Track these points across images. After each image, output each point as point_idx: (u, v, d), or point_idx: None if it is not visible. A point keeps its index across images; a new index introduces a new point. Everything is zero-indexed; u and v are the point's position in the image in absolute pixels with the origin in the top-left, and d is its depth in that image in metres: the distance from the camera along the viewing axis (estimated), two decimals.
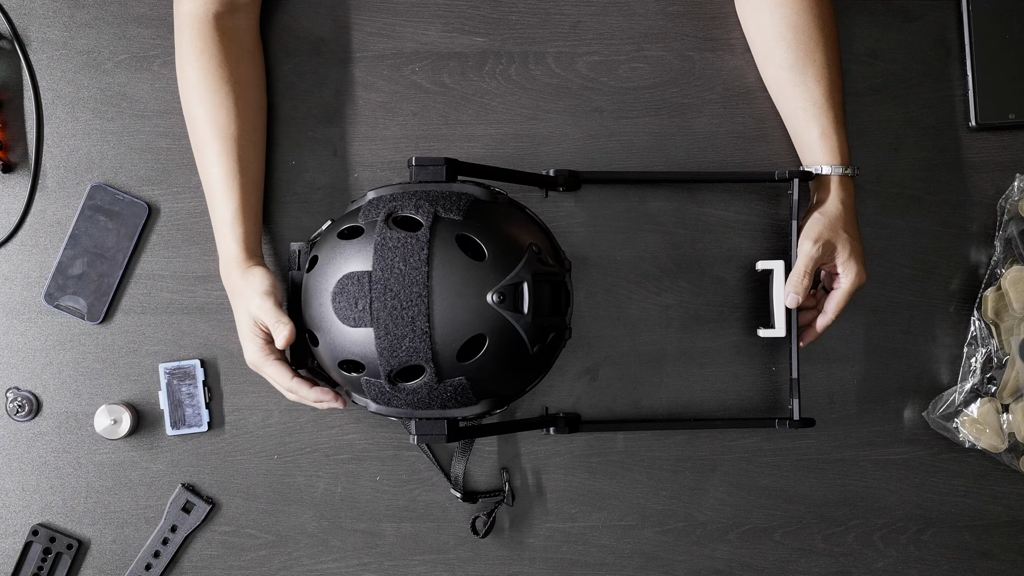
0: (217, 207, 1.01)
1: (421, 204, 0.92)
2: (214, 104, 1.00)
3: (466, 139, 1.10)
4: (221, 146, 1.00)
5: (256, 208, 1.03)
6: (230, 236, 1.00)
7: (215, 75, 1.00)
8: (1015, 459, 1.08)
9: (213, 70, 1.00)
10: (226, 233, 1.00)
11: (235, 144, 1.01)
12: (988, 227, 1.11)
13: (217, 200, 1.01)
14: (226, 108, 1.01)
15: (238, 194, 1.00)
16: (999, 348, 1.08)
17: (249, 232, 1.01)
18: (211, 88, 1.00)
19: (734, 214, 1.10)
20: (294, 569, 1.09)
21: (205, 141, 1.01)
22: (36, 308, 1.09)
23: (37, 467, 1.09)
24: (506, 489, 1.09)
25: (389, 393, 0.93)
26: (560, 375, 1.10)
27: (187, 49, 1.01)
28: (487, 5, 1.10)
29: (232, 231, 1.00)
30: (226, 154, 1.00)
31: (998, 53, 1.10)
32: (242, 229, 1.00)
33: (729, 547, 1.11)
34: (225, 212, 1.00)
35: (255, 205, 1.02)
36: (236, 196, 1.00)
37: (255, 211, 1.02)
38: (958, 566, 1.11)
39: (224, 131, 1.00)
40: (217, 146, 1.00)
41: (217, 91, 1.00)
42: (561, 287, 0.97)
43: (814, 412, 1.10)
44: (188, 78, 1.01)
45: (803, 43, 1.03)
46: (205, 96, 1.00)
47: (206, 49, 1.00)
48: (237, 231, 1.00)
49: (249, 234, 1.01)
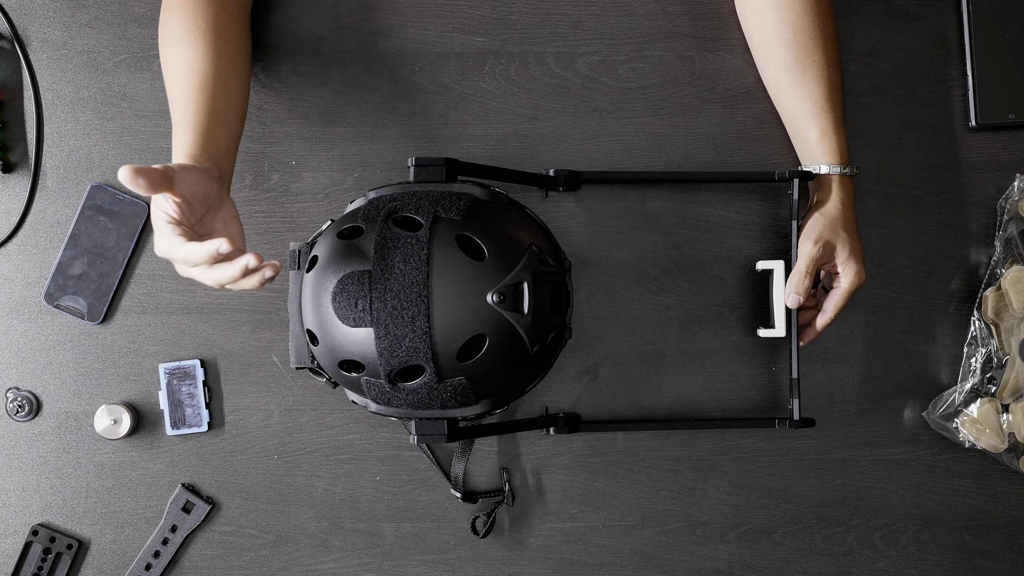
0: (173, 130, 0.94)
1: (421, 204, 0.92)
2: (184, 46, 0.96)
3: (466, 139, 1.10)
4: (185, 79, 0.95)
5: (212, 130, 0.93)
6: (174, 150, 0.93)
7: (190, 23, 0.97)
8: (1015, 459, 1.09)
9: (189, 18, 0.97)
10: (173, 150, 0.93)
11: (199, 77, 0.95)
12: (988, 227, 1.11)
13: (173, 124, 0.94)
14: (195, 49, 0.96)
15: (190, 113, 0.93)
16: (999, 348, 1.08)
17: (193, 143, 0.92)
18: (183, 33, 0.97)
19: (734, 214, 1.10)
20: (294, 569, 1.09)
21: (172, 79, 0.96)
22: (36, 308, 1.09)
23: (37, 467, 1.09)
24: (506, 489, 1.09)
25: (389, 393, 0.93)
26: (560, 375, 1.10)
27: (169, 8, 0.99)
28: (487, 5, 1.10)
29: (176, 146, 0.93)
30: (188, 85, 0.95)
31: (998, 53, 1.10)
32: (184, 140, 0.92)
33: (729, 547, 1.11)
34: (175, 130, 0.94)
35: (212, 127, 0.93)
36: (188, 114, 0.93)
37: (210, 131, 0.93)
38: (958, 566, 1.11)
39: (190, 66, 0.95)
40: (182, 79, 0.95)
41: (188, 35, 0.96)
42: (561, 287, 0.97)
43: (814, 412, 1.10)
44: (165, 28, 0.98)
45: (803, 43, 1.03)
46: (177, 40, 0.97)
47: (187, 7, 0.98)
48: (178, 145, 0.92)
49: (193, 145, 0.91)
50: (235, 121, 0.98)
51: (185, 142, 0.92)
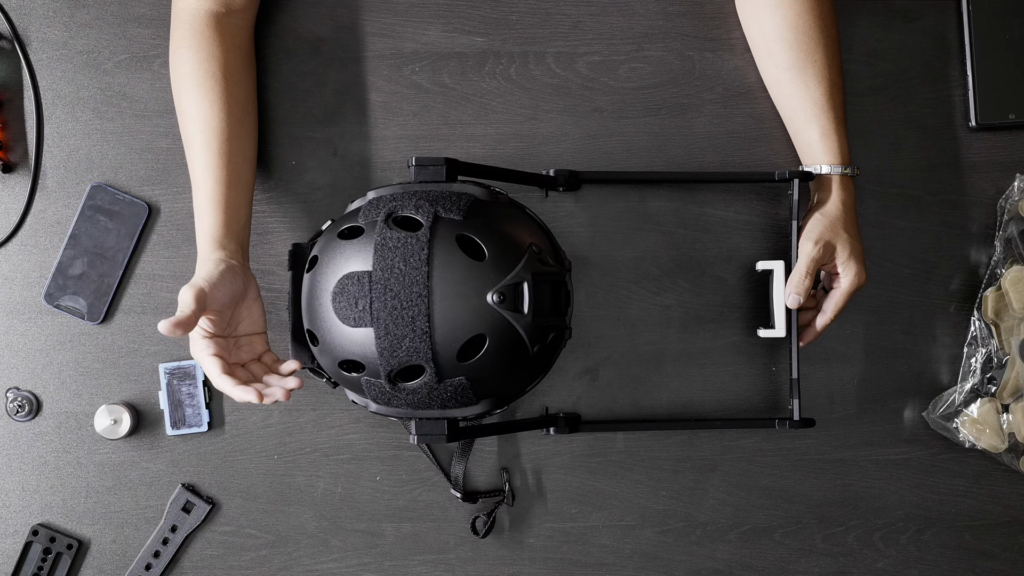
0: (194, 197, 0.99)
1: (421, 204, 0.92)
2: (200, 97, 0.99)
3: (466, 139, 1.10)
4: (203, 139, 0.99)
5: (233, 201, 0.99)
6: (198, 226, 0.98)
7: (204, 68, 1.00)
8: (1015, 459, 1.09)
9: (202, 63, 1.00)
10: (197, 223, 0.98)
11: (217, 137, 0.99)
12: (988, 227, 1.11)
13: (194, 190, 0.99)
14: (211, 101, 0.99)
15: (211, 185, 0.98)
16: (999, 348, 1.08)
17: (218, 223, 0.97)
18: (199, 81, 0.99)
19: (734, 214, 1.10)
20: (294, 569, 1.09)
21: (190, 133, 1.00)
22: (36, 308, 1.09)
23: (37, 467, 1.09)
24: (506, 489, 1.09)
25: (389, 393, 0.93)
26: (560, 375, 1.10)
27: (180, 42, 1.01)
28: (487, 5, 1.10)
29: (200, 221, 0.98)
30: (207, 147, 0.99)
31: (998, 53, 1.10)
32: (209, 220, 0.97)
33: (729, 547, 1.11)
34: (197, 202, 0.98)
35: (232, 198, 0.99)
36: (210, 187, 0.98)
37: (231, 204, 0.99)
38: (958, 566, 1.11)
39: (207, 123, 0.99)
40: (200, 138, 0.99)
41: (203, 84, 0.99)
42: (561, 287, 0.97)
43: (814, 412, 1.10)
44: (178, 70, 1.01)
45: (803, 44, 1.03)
46: (193, 89, 1.00)
47: (198, 44, 1.00)
48: (204, 221, 0.97)
49: (218, 225, 0.97)
50: (250, 181, 1.02)
51: (209, 222, 0.97)
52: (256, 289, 0.97)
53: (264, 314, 0.98)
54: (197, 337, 0.92)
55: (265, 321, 0.98)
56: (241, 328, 0.96)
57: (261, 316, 0.97)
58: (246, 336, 0.96)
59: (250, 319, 0.96)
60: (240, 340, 0.96)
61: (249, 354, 0.96)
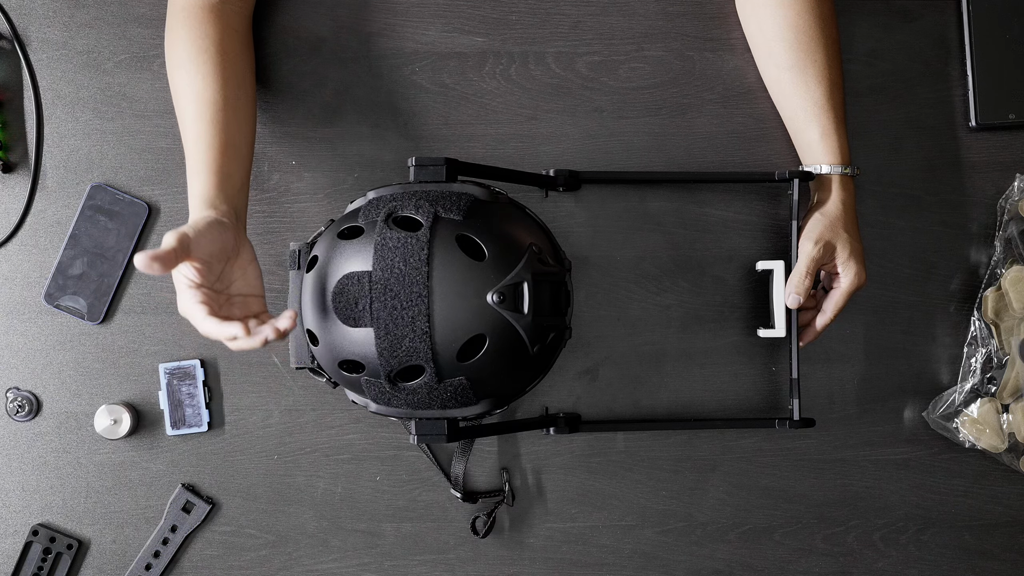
0: (187, 168, 0.97)
1: (421, 204, 0.92)
2: (193, 72, 0.98)
3: (466, 139, 1.10)
4: (195, 108, 0.97)
5: (226, 167, 0.96)
6: (190, 190, 0.96)
7: (198, 45, 0.98)
8: (1015, 459, 1.09)
9: (196, 40, 0.99)
10: (189, 189, 0.96)
11: (210, 107, 0.97)
12: (988, 227, 1.11)
13: (187, 160, 0.97)
14: (203, 75, 0.98)
15: (203, 152, 0.96)
16: (999, 348, 1.08)
17: (209, 185, 0.95)
18: (191, 56, 0.98)
19: (734, 214, 1.10)
20: (294, 569, 1.09)
21: (183, 108, 0.98)
22: (36, 308, 1.09)
23: (37, 467, 1.09)
24: (506, 489, 1.09)
25: (389, 393, 0.93)
26: (560, 375, 1.10)
27: (174, 27, 1.00)
28: (487, 5, 1.10)
29: (192, 186, 0.96)
30: (199, 117, 0.97)
31: (998, 53, 1.10)
32: (200, 183, 0.95)
33: (729, 547, 1.11)
34: (190, 169, 0.96)
35: (225, 164, 0.96)
36: (202, 152, 0.96)
37: (224, 169, 0.96)
38: (958, 566, 1.11)
39: (200, 95, 0.97)
40: (192, 108, 0.97)
41: (196, 59, 0.98)
42: (561, 287, 0.97)
43: (814, 412, 1.10)
44: (172, 52, 1.00)
45: (804, 44, 1.03)
46: (185, 63, 0.98)
47: (192, 24, 0.99)
48: (195, 185, 0.95)
49: (209, 187, 0.94)
50: (246, 150, 0.99)
51: (200, 185, 0.94)
52: (251, 252, 0.94)
53: (261, 277, 0.94)
54: (184, 287, 0.88)
55: (262, 285, 0.94)
56: (235, 288, 0.92)
57: (257, 279, 0.94)
58: (240, 296, 0.92)
59: (244, 280, 0.92)
60: (233, 298, 0.92)
61: (242, 311, 0.92)
